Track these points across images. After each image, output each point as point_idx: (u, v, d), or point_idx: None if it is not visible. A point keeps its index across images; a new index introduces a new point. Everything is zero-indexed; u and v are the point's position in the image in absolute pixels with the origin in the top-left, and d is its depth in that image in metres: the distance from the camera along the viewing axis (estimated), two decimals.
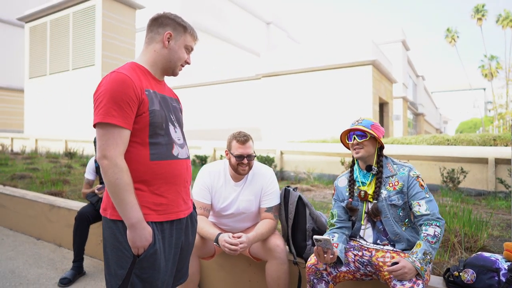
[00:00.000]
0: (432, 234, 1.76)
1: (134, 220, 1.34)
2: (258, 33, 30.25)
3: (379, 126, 2.02)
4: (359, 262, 1.92)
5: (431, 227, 1.78)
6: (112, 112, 1.32)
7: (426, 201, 1.86)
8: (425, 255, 1.70)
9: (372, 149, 1.99)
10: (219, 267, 2.67)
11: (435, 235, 1.76)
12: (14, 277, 2.97)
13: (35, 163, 9.20)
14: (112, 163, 1.31)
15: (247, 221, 2.40)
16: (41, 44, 14.89)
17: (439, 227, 1.78)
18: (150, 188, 1.44)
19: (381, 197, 1.94)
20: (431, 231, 1.77)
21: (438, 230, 1.77)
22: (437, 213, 1.83)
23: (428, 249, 1.72)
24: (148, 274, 1.40)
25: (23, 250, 3.64)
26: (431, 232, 1.76)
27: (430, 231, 1.77)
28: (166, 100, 1.56)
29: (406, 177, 1.93)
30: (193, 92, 19.35)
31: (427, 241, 1.74)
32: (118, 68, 1.42)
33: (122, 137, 1.35)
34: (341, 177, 2.15)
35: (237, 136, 2.26)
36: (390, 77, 17.17)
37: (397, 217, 1.92)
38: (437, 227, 1.78)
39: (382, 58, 15.46)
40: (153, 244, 1.39)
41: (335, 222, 2.06)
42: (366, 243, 1.98)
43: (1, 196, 4.56)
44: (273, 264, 2.16)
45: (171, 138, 1.51)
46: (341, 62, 14.48)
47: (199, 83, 19.12)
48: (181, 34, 1.55)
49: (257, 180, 2.35)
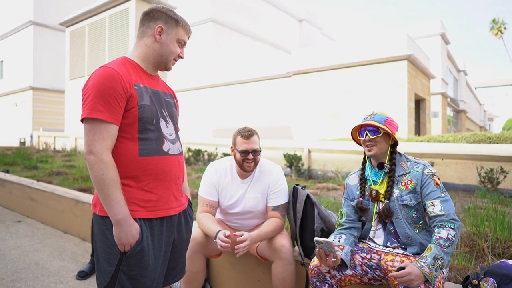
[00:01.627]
0: (445, 237, 1.61)
1: (120, 216, 1.32)
2: (290, 30, 29.99)
3: (393, 121, 1.89)
4: (367, 266, 1.80)
5: (445, 229, 1.63)
6: (98, 107, 1.31)
7: (440, 201, 1.71)
8: (436, 260, 1.56)
9: (385, 146, 1.86)
10: (230, 265, 2.63)
11: (448, 238, 1.60)
12: (37, 269, 3.09)
13: (73, 160, 9.65)
14: (98, 159, 1.30)
15: (255, 219, 2.33)
16: (80, 47, 15.60)
17: (454, 230, 1.63)
18: (139, 184, 1.41)
19: (393, 196, 1.81)
20: (444, 233, 1.62)
21: (452, 233, 1.62)
22: (453, 214, 1.67)
23: (439, 253, 1.57)
24: (135, 272, 1.37)
25: (50, 243, 3.80)
26: (444, 235, 1.61)
27: (443, 233, 1.62)
28: (159, 95, 1.53)
29: (419, 176, 1.78)
30: (224, 91, 19.51)
31: (438, 245, 1.60)
32: (107, 63, 1.41)
33: (109, 132, 1.33)
34: (352, 175, 2.04)
35: (242, 131, 2.20)
36: (428, 72, 16.38)
37: (410, 219, 1.78)
38: (451, 229, 1.63)
39: (418, 53, 14.78)
40: (140, 242, 1.36)
41: (343, 222, 1.95)
42: (375, 245, 1.86)
43: (34, 191, 4.80)
44: (279, 265, 2.08)
45: (161, 133, 1.47)
46: (374, 58, 13.99)
47: (229, 82, 19.24)
48: (173, 27, 1.51)
49: (264, 177, 2.28)
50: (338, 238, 1.86)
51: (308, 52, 16.23)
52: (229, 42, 23.29)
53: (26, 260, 3.30)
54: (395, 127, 1.87)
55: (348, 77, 14.71)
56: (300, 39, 30.98)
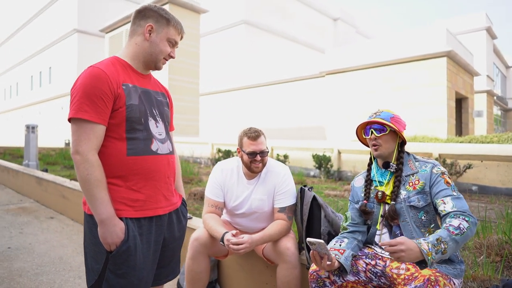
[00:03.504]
0: (456, 225, 1.44)
1: (104, 216, 1.32)
2: (324, 30, 29.55)
3: (400, 119, 1.77)
4: (371, 272, 1.69)
5: (458, 219, 1.47)
6: (84, 107, 1.31)
7: (452, 198, 1.55)
8: (439, 242, 1.39)
9: (392, 145, 1.75)
10: (239, 267, 2.59)
11: (459, 227, 1.43)
12: (60, 263, 3.23)
13: None
14: (84, 158, 1.30)
15: (261, 221, 2.27)
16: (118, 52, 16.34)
17: (468, 222, 1.46)
18: (127, 183, 1.40)
19: (400, 198, 1.69)
20: (455, 222, 1.46)
21: (464, 224, 1.45)
22: (467, 211, 1.51)
23: (445, 237, 1.41)
24: (123, 270, 1.37)
25: (76, 239, 3.96)
26: (455, 223, 1.45)
27: (455, 222, 1.46)
28: (149, 94, 1.52)
29: (428, 175, 1.66)
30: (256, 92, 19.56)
31: (447, 230, 1.44)
32: (96, 63, 1.42)
33: (95, 132, 1.33)
34: (358, 177, 1.93)
35: (248, 132, 2.15)
36: (470, 69, 15.46)
37: (419, 221, 1.64)
38: (465, 221, 1.46)
39: (459, 49, 13.99)
40: (125, 241, 1.35)
41: (347, 225, 1.85)
42: (381, 251, 1.74)
43: (66, 189, 5.03)
44: (283, 268, 2.01)
45: (150, 133, 1.46)
46: (412, 55, 13.43)
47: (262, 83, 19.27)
48: (164, 26, 1.49)
49: (270, 178, 2.21)
50: (339, 242, 1.76)
51: (343, 51, 15.89)
52: (262, 43, 23.33)
53: (52, 254, 3.45)
54: (402, 125, 1.76)
55: (384, 75, 14.23)
56: (334, 38, 30.44)
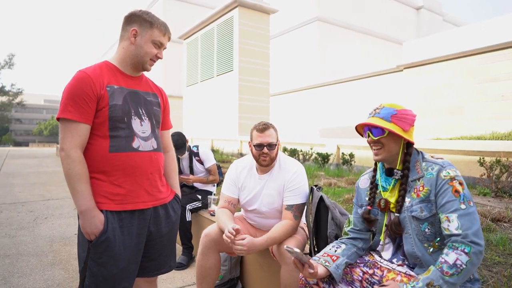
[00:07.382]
0: (451, 263, 1.25)
1: (83, 207, 1.43)
2: (405, 20, 27.48)
3: (406, 115, 1.48)
4: (367, 282, 1.54)
5: (455, 252, 1.27)
6: (68, 108, 1.45)
7: (459, 216, 1.31)
8: (430, 287, 1.24)
9: (396, 147, 1.51)
10: (259, 265, 2.58)
11: (455, 264, 1.24)
12: None
13: None
14: (67, 155, 1.44)
15: (273, 218, 2.24)
16: (194, 56, 17.33)
17: (467, 255, 1.25)
18: (109, 178, 1.51)
19: (404, 207, 1.48)
20: (451, 257, 1.26)
21: (463, 259, 1.25)
22: (472, 235, 1.27)
23: (437, 280, 1.24)
24: (103, 259, 1.47)
25: None
26: (451, 260, 1.26)
27: (451, 257, 1.26)
28: (137, 95, 1.61)
29: (434, 180, 1.41)
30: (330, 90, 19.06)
31: (439, 270, 1.26)
32: (85, 67, 1.55)
33: (79, 130, 1.46)
34: (364, 176, 1.75)
35: (257, 125, 2.17)
36: None
37: (421, 235, 1.43)
38: (464, 253, 1.25)
39: None
40: (104, 232, 1.46)
41: (349, 231, 1.71)
42: (381, 260, 1.58)
43: None
44: (285, 270, 1.95)
45: (132, 131, 1.55)
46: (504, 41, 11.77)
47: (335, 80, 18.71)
48: (147, 29, 1.58)
49: (281, 174, 2.18)
50: (335, 248, 1.64)
51: (424, 42, 14.59)
52: (336, 40, 22.63)
53: None
54: (408, 123, 1.48)
55: (470, 66, 12.74)
56: (417, 29, 28.12)
